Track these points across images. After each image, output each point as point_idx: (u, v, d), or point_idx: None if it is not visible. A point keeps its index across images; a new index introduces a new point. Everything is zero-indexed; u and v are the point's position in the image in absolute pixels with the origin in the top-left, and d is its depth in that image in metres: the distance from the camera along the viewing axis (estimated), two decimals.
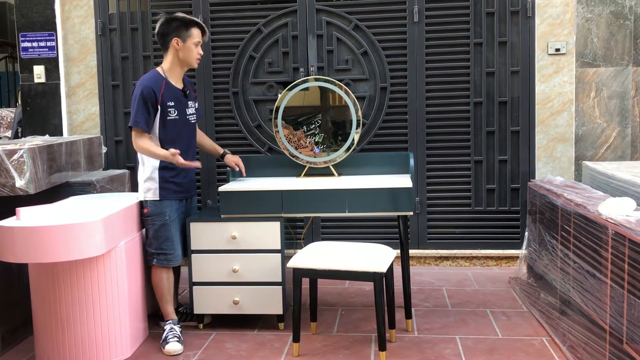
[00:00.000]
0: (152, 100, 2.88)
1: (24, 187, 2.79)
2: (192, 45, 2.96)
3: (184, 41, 2.95)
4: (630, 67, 3.96)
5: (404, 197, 2.94)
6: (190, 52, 2.96)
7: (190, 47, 2.96)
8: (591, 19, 3.96)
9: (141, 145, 2.90)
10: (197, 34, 2.97)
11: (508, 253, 4.09)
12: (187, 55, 2.97)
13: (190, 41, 2.95)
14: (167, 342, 2.84)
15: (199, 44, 2.98)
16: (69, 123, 4.35)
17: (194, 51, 2.97)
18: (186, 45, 2.95)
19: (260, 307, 3.05)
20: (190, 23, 2.97)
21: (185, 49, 2.96)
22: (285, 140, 3.38)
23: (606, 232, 2.27)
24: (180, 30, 2.95)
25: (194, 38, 2.96)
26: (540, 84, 3.99)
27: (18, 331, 3.01)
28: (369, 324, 3.13)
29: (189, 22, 2.97)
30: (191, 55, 2.97)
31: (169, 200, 2.97)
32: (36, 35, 4.28)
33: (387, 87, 4.07)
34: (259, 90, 4.20)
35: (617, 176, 2.85)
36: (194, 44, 2.96)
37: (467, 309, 3.32)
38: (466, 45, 4.02)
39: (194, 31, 2.96)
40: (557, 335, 2.82)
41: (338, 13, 4.08)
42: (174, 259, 2.98)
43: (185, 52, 2.96)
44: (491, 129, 4.04)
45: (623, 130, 4.00)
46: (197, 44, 2.97)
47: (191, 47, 2.96)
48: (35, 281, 2.72)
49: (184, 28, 2.95)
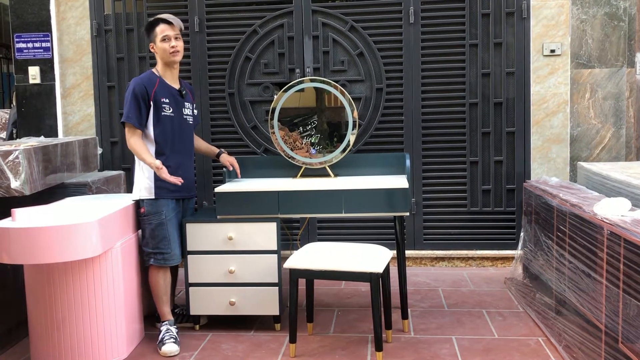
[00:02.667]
0: (143, 96, 2.90)
1: (19, 188, 2.78)
2: (161, 43, 2.95)
3: (155, 42, 2.98)
4: (624, 68, 3.98)
5: (400, 197, 2.94)
6: (162, 50, 2.96)
7: (161, 45, 2.96)
8: (586, 20, 3.98)
9: (132, 144, 2.91)
10: (162, 29, 2.95)
11: (504, 254, 4.10)
12: (162, 54, 2.97)
13: (158, 39, 2.96)
14: (164, 343, 2.83)
15: (167, 38, 2.95)
16: (64, 124, 4.34)
17: (165, 47, 2.95)
18: (157, 45, 2.97)
19: (256, 308, 3.05)
20: (153, 23, 2.99)
21: (159, 50, 2.98)
22: (282, 142, 3.38)
23: (601, 232, 2.28)
24: (150, 34, 3.00)
25: (159, 34, 2.95)
26: (536, 85, 4.00)
27: (13, 332, 3.00)
28: (365, 324, 3.13)
29: (152, 23, 3.00)
30: (164, 52, 2.96)
31: (164, 199, 2.96)
32: (31, 36, 4.26)
33: (383, 88, 4.08)
34: (254, 91, 4.20)
35: (612, 177, 2.86)
36: (162, 40, 2.95)
37: (463, 309, 3.32)
38: (462, 46, 4.04)
39: (157, 29, 2.97)
40: (553, 335, 2.83)
41: (334, 14, 4.09)
42: (171, 258, 2.97)
43: (160, 52, 2.98)
44: (487, 129, 4.05)
45: (618, 131, 4.01)
46: (165, 39, 2.95)
47: (161, 45, 2.95)
48: (30, 282, 2.71)
49: (151, 30, 2.99)
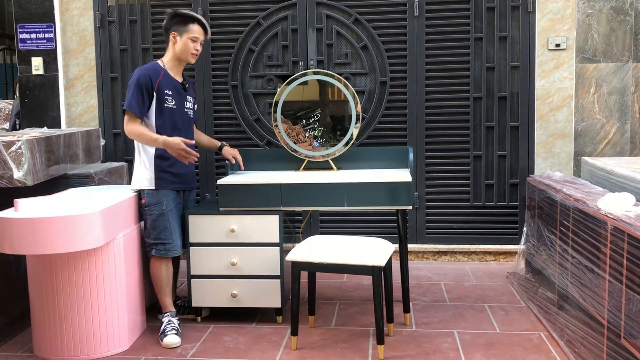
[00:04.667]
0: (147, 86, 2.89)
1: (21, 178, 2.78)
2: (188, 40, 2.96)
3: (181, 35, 2.96)
4: (630, 63, 3.96)
5: (403, 191, 2.93)
6: (185, 46, 2.96)
7: (186, 42, 2.96)
8: (592, 14, 3.95)
9: (134, 130, 2.88)
10: (196, 30, 2.97)
11: (506, 248, 4.09)
12: (182, 50, 2.97)
13: (186, 36, 2.96)
14: (165, 335, 2.84)
15: (196, 40, 2.98)
16: (67, 115, 4.34)
17: (189, 46, 2.96)
18: (182, 40, 2.96)
19: (258, 301, 3.05)
20: (190, 18, 2.98)
21: (181, 43, 2.97)
22: (285, 134, 3.37)
23: (605, 228, 2.27)
24: (180, 25, 2.97)
25: (191, 33, 2.96)
26: (540, 80, 3.98)
27: (16, 323, 3.01)
28: (367, 317, 3.13)
29: (189, 17, 2.98)
30: (186, 49, 2.97)
31: (165, 189, 2.96)
32: (34, 27, 4.25)
33: (387, 82, 4.06)
34: (258, 83, 4.19)
35: (617, 172, 2.85)
36: (191, 39, 2.96)
37: (465, 303, 3.32)
38: (466, 40, 4.01)
39: (192, 27, 2.97)
40: (555, 330, 2.82)
41: (338, 6, 4.06)
42: (172, 249, 2.97)
43: (181, 46, 2.97)
44: (490, 124, 4.04)
45: (622, 126, 3.99)
46: (194, 40, 2.97)
47: (187, 42, 2.96)
48: (33, 273, 2.71)
49: (183, 23, 2.97)
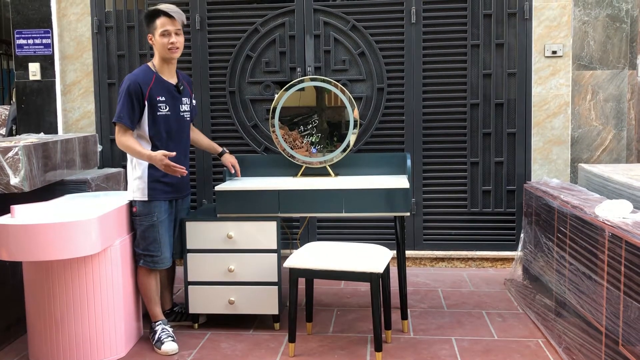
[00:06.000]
0: (138, 95, 2.78)
1: (18, 184, 2.77)
2: (160, 37, 2.81)
3: (154, 35, 2.84)
4: (626, 70, 3.98)
5: (400, 197, 2.93)
6: (160, 44, 2.82)
7: (159, 40, 2.81)
8: (588, 22, 3.97)
9: (124, 143, 2.80)
10: (162, 22, 2.80)
11: (503, 255, 4.09)
12: (160, 48, 2.83)
13: (157, 33, 2.81)
14: (162, 342, 2.82)
15: (167, 33, 2.80)
16: (64, 121, 4.33)
17: (163, 42, 2.80)
18: (156, 39, 2.83)
19: (255, 307, 3.04)
20: (154, 15, 2.83)
21: (157, 44, 2.83)
22: (282, 140, 3.37)
23: (603, 234, 2.27)
24: (150, 25, 2.85)
25: (160, 28, 2.80)
26: (537, 86, 3.99)
27: (11, 329, 2.99)
28: (364, 324, 3.12)
29: (153, 14, 2.84)
30: (162, 47, 2.81)
31: (157, 201, 2.88)
32: (32, 33, 4.25)
33: (384, 88, 4.07)
34: (255, 89, 4.19)
35: (613, 179, 2.86)
36: (161, 35, 2.80)
37: (462, 310, 3.32)
38: (463, 46, 4.03)
39: (158, 22, 2.81)
40: (553, 337, 2.82)
41: (335, 13, 4.08)
42: (160, 262, 2.91)
43: (158, 46, 2.83)
44: (487, 130, 4.05)
45: (619, 133, 4.01)
46: (164, 34, 2.80)
47: (160, 39, 2.81)
48: (29, 279, 2.70)
49: (151, 21, 2.84)
